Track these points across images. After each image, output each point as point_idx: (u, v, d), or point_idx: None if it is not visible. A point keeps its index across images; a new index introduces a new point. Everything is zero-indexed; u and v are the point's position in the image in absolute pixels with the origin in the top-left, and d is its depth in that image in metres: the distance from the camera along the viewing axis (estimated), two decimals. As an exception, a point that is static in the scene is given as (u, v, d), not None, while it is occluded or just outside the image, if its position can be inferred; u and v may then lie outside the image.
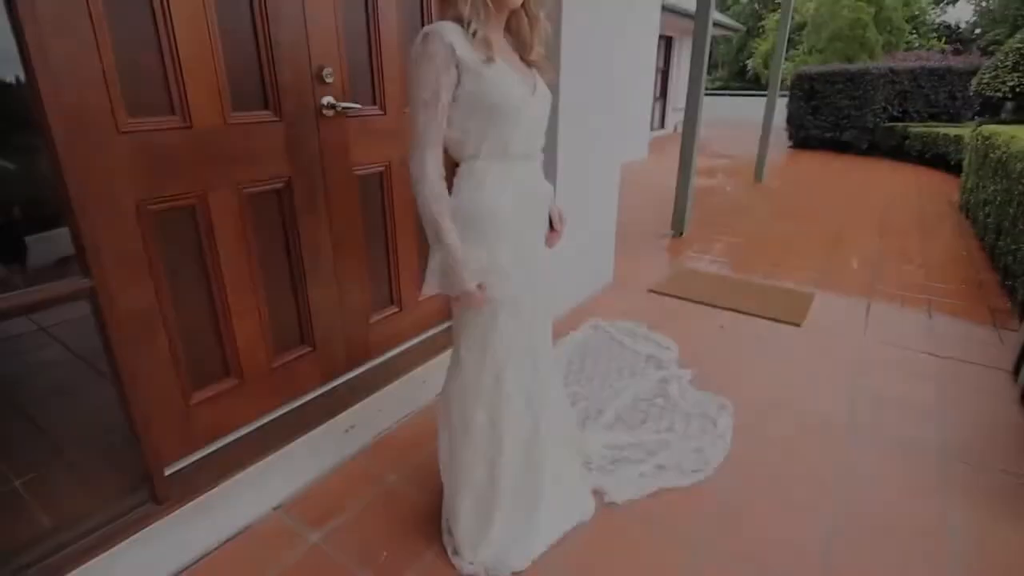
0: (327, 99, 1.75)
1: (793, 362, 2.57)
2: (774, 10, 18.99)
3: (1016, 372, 2.40)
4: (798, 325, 2.92)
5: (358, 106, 1.82)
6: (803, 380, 2.41)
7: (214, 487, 1.56)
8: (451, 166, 1.26)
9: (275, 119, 1.64)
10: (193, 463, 1.63)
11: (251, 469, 1.64)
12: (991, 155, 4.26)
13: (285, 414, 1.87)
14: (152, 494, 1.47)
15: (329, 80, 1.73)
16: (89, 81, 1.26)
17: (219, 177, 1.55)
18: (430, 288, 1.30)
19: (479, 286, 1.26)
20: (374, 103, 1.93)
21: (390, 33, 1.91)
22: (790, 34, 7.94)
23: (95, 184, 1.30)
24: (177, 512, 1.48)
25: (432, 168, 1.20)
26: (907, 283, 3.56)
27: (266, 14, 1.55)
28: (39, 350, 1.41)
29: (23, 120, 1.16)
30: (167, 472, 1.54)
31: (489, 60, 1.17)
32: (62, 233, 1.23)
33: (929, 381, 2.40)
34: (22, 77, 1.13)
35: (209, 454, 1.67)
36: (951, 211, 5.54)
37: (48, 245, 1.30)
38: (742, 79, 23.14)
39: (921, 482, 1.81)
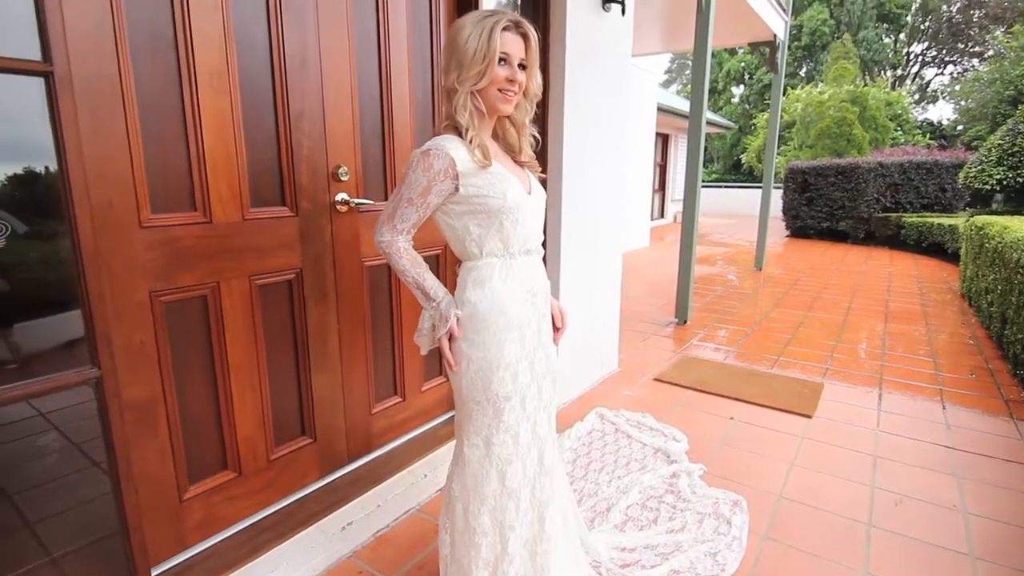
0: (341, 195, 1.83)
1: (807, 456, 2.48)
2: (764, 110, 20.13)
3: (1039, 467, 2.32)
4: (809, 417, 2.85)
5: (370, 202, 1.91)
6: (819, 475, 2.32)
7: (202, 591, 1.48)
8: (455, 264, 1.30)
9: (291, 214, 1.72)
10: (182, 563, 1.55)
11: (242, 570, 1.56)
12: (987, 245, 4.35)
13: (280, 509, 1.80)
14: (136, 598, 1.39)
15: (344, 178, 1.83)
16: (119, 180, 1.33)
17: (233, 269, 1.60)
18: (424, 346, 1.35)
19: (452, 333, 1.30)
20: (386, 199, 2.02)
21: (403, 133, 2.03)
22: (780, 131, 8.37)
23: (111, 275, 1.34)
24: (160, 619, 1.39)
25: (404, 238, 1.28)
26: (917, 372, 3.51)
27: (289, 120, 1.67)
28: (33, 436, 1.38)
29: (47, 209, 1.20)
30: (154, 573, 1.46)
31: (486, 166, 1.25)
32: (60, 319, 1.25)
33: (949, 476, 2.31)
34: (52, 168, 1.17)
35: (199, 553, 1.59)
36: (953, 298, 5.57)
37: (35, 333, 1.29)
38: (737, 172, 24.07)
39: (953, 589, 1.70)
